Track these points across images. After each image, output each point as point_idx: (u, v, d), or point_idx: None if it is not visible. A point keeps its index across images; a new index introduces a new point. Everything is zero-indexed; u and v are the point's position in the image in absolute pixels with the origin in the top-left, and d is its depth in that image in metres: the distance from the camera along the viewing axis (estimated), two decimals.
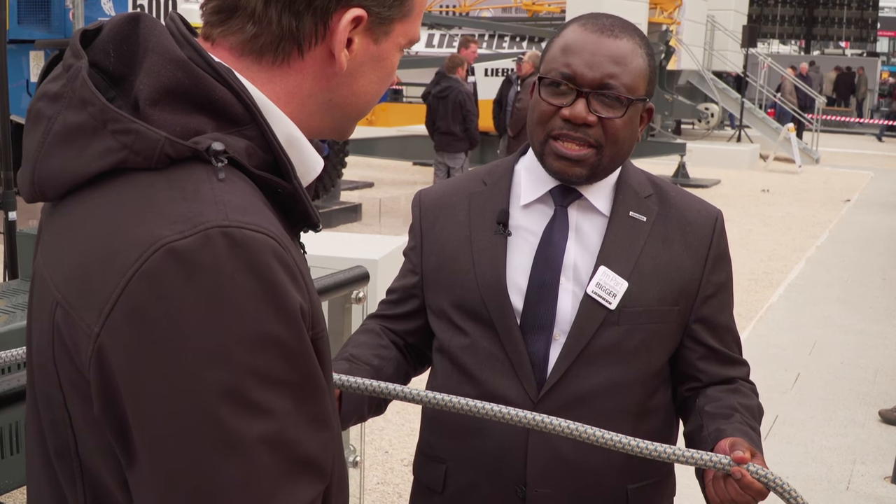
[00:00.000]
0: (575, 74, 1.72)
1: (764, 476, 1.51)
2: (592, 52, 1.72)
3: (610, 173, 1.82)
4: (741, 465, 1.51)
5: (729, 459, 1.53)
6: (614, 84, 1.71)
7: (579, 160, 1.74)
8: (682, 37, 20.58)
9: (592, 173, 1.77)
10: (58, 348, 0.97)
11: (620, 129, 1.74)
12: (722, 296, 1.87)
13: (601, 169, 1.77)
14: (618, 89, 1.71)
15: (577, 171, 1.75)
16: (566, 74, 1.72)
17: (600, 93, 1.72)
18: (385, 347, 1.92)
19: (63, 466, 1.01)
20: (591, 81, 1.71)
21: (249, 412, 0.89)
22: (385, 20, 1.07)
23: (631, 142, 1.79)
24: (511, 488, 1.80)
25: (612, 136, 1.74)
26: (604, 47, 1.72)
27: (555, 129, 1.74)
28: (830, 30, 40.68)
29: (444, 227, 1.88)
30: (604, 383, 1.78)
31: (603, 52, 1.72)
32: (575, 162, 1.74)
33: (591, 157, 1.74)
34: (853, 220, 13.01)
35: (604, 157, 1.75)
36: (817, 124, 21.52)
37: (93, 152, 0.96)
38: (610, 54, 1.72)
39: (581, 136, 1.73)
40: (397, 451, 4.90)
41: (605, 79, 1.71)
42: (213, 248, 0.89)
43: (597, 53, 1.72)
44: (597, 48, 1.72)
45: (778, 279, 9.29)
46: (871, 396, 6.04)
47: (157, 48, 0.99)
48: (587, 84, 1.71)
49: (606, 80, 1.71)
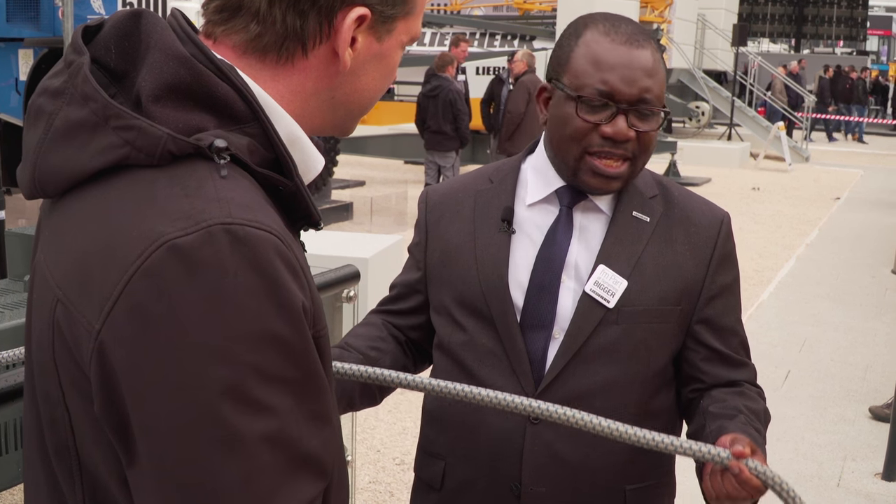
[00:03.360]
0: (613, 91, 1.70)
1: (763, 473, 1.47)
2: (627, 67, 1.71)
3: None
4: (740, 460, 1.49)
5: (728, 453, 1.49)
6: (649, 98, 1.72)
7: (618, 177, 1.75)
8: (673, 35, 20.61)
9: (624, 185, 1.80)
10: (58, 345, 0.96)
11: (653, 140, 1.76)
12: (727, 297, 1.86)
13: (630, 178, 1.79)
14: (652, 102, 1.72)
15: (614, 186, 1.77)
16: (604, 92, 1.71)
17: (637, 108, 1.72)
18: (383, 340, 1.92)
19: (61, 464, 1.01)
20: (629, 98, 1.71)
21: (251, 409, 0.89)
22: (388, 18, 1.07)
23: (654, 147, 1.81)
24: (506, 485, 1.80)
25: (645, 147, 1.75)
26: (636, 60, 1.71)
27: (593, 145, 1.73)
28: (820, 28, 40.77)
29: (449, 224, 1.89)
30: (601, 382, 1.77)
31: (636, 66, 1.71)
32: (614, 179, 1.75)
33: (628, 170, 1.76)
34: (843, 218, 13.04)
35: (636, 167, 1.77)
36: (807, 122, 21.57)
37: (94, 148, 0.95)
38: (642, 67, 1.71)
39: (621, 153, 1.73)
40: (389, 450, 4.90)
41: (641, 93, 1.71)
42: (215, 245, 0.89)
43: (630, 67, 1.71)
44: (629, 62, 1.71)
45: (768, 277, 9.31)
46: (861, 393, 6.06)
47: (160, 44, 0.99)
48: (626, 100, 1.71)
49: (643, 95, 1.71)
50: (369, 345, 1.88)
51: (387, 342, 1.92)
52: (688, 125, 23.88)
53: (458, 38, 11.86)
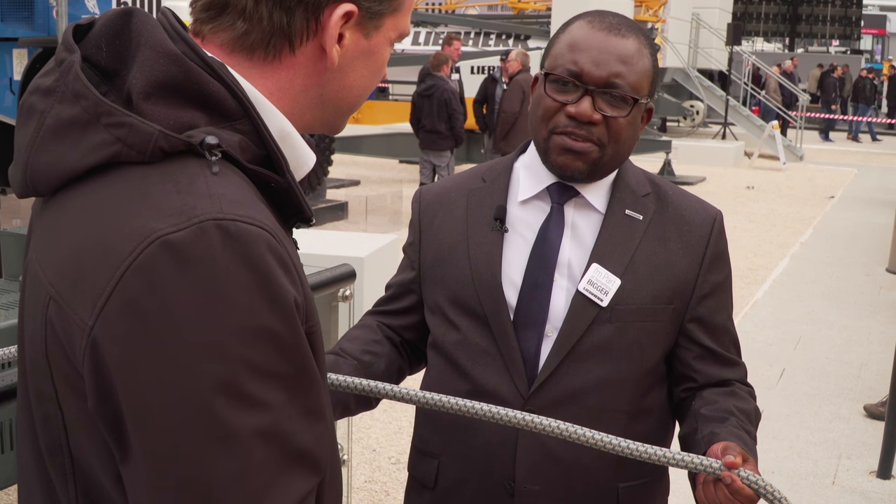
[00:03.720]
0: (582, 72, 1.72)
1: (755, 482, 1.49)
2: (600, 51, 1.72)
3: (609, 173, 1.83)
4: (732, 470, 1.50)
5: (720, 464, 1.51)
6: (620, 83, 1.72)
7: (582, 153, 1.74)
8: (668, 35, 20.63)
9: (593, 170, 1.77)
10: (51, 343, 0.96)
11: (623, 129, 1.75)
12: (719, 296, 1.86)
13: (601, 167, 1.78)
14: (623, 88, 1.72)
15: (579, 166, 1.76)
16: (573, 72, 1.72)
17: (606, 91, 1.72)
18: (378, 343, 1.91)
19: (54, 462, 1.01)
20: (597, 80, 1.72)
21: (244, 405, 0.90)
22: (375, 15, 1.07)
23: (632, 142, 1.80)
24: (500, 484, 1.80)
25: (615, 135, 1.75)
26: (611, 46, 1.72)
27: (559, 125, 1.74)
28: (814, 27, 40.82)
29: (443, 223, 1.89)
30: (595, 380, 1.77)
31: (610, 51, 1.72)
32: (578, 155, 1.74)
33: (594, 152, 1.75)
34: (837, 217, 13.07)
35: (605, 155, 1.76)
36: (801, 121, 21.61)
37: (86, 146, 0.96)
38: (617, 53, 1.72)
39: (585, 134, 1.73)
40: (385, 450, 4.90)
41: (611, 77, 1.71)
42: (207, 241, 0.89)
43: (604, 52, 1.72)
44: (604, 46, 1.72)
45: (763, 276, 9.33)
46: (855, 391, 6.07)
47: (150, 42, 0.99)
48: (593, 82, 1.72)
49: (613, 79, 1.71)
50: (364, 349, 1.88)
51: (382, 345, 1.92)
52: (682, 124, 23.92)
53: (451, 37, 11.86)
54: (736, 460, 1.51)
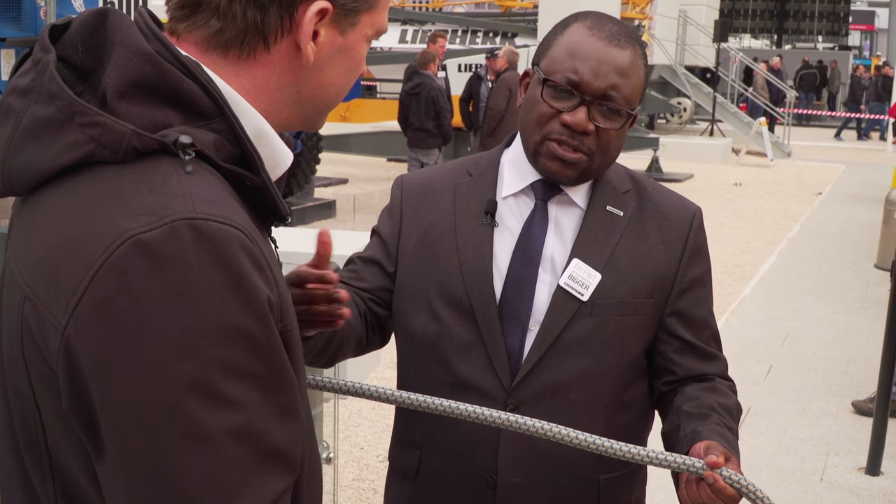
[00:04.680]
0: (581, 82, 1.72)
1: (737, 481, 1.51)
2: (599, 61, 1.73)
3: (594, 178, 1.85)
4: (714, 470, 1.51)
5: (702, 463, 1.52)
6: (616, 96, 1.73)
7: (573, 163, 1.76)
8: (655, 32, 20.66)
9: (581, 177, 1.80)
10: (27, 342, 0.97)
11: (613, 140, 1.77)
12: (698, 290, 1.88)
13: (589, 174, 1.80)
14: (618, 101, 1.74)
15: (569, 174, 1.78)
16: (571, 80, 1.73)
17: (602, 103, 1.73)
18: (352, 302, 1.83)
19: (33, 460, 1.01)
20: (595, 91, 1.73)
21: (217, 404, 0.90)
22: (351, 11, 1.08)
23: (619, 150, 1.82)
24: (482, 476, 1.81)
25: (605, 146, 1.77)
26: (610, 57, 1.73)
27: (553, 132, 1.75)
28: (802, 24, 40.93)
29: (428, 213, 1.88)
30: (576, 374, 1.79)
31: (609, 62, 1.73)
32: (569, 164, 1.76)
33: (584, 162, 1.76)
34: (825, 213, 13.12)
35: (594, 164, 1.78)
36: (788, 118, 21.66)
37: (60, 146, 0.96)
38: (616, 65, 1.73)
39: (577, 144, 1.74)
40: (372, 448, 4.89)
41: (608, 90, 1.72)
42: (179, 240, 0.89)
43: (603, 63, 1.73)
44: (604, 57, 1.73)
45: (750, 272, 9.35)
46: (843, 387, 6.09)
47: (125, 42, 0.99)
48: (591, 93, 1.73)
49: (610, 92, 1.73)
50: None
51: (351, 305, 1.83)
52: (670, 121, 23.97)
53: (436, 35, 11.85)
54: (718, 460, 1.52)
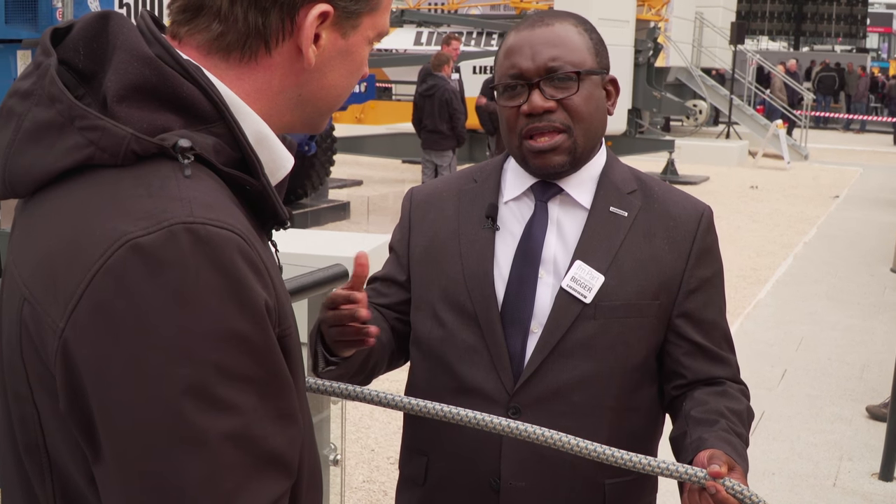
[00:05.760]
0: (521, 71, 1.77)
1: (740, 492, 1.50)
2: (530, 45, 1.78)
3: (591, 154, 1.84)
4: (717, 480, 1.50)
5: (705, 473, 1.51)
6: (558, 65, 1.76)
7: (554, 148, 1.77)
8: (671, 34, 20.60)
9: (572, 158, 1.79)
10: (25, 344, 0.97)
11: (582, 105, 1.78)
12: (708, 291, 1.85)
13: (579, 152, 1.80)
14: (563, 68, 1.76)
15: (557, 160, 1.78)
16: (513, 74, 1.78)
17: (548, 78, 1.76)
18: (381, 319, 1.89)
19: (32, 462, 1.02)
20: (536, 71, 1.76)
21: (214, 408, 0.90)
22: (352, 14, 1.08)
23: (600, 116, 1.82)
24: (486, 481, 1.81)
25: (577, 115, 1.77)
26: (539, 37, 1.78)
27: (522, 128, 1.78)
28: (819, 26, 40.76)
29: (433, 221, 1.90)
30: (579, 377, 1.78)
31: (539, 42, 1.77)
32: (551, 151, 1.77)
33: (564, 141, 1.77)
34: (841, 217, 13.05)
35: (577, 138, 1.78)
36: (806, 120, 21.57)
37: (61, 149, 0.96)
38: (545, 40, 1.77)
39: (547, 125, 1.76)
40: (383, 449, 4.89)
41: (547, 63, 1.76)
42: (176, 245, 0.90)
43: (534, 44, 1.77)
44: (533, 40, 1.78)
45: (766, 275, 9.31)
46: (858, 392, 6.06)
47: (126, 45, 1.00)
48: (534, 74, 1.76)
49: (549, 64, 1.76)
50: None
51: (383, 321, 1.89)
52: (685, 123, 23.88)
53: (450, 37, 11.85)
54: (721, 470, 1.51)
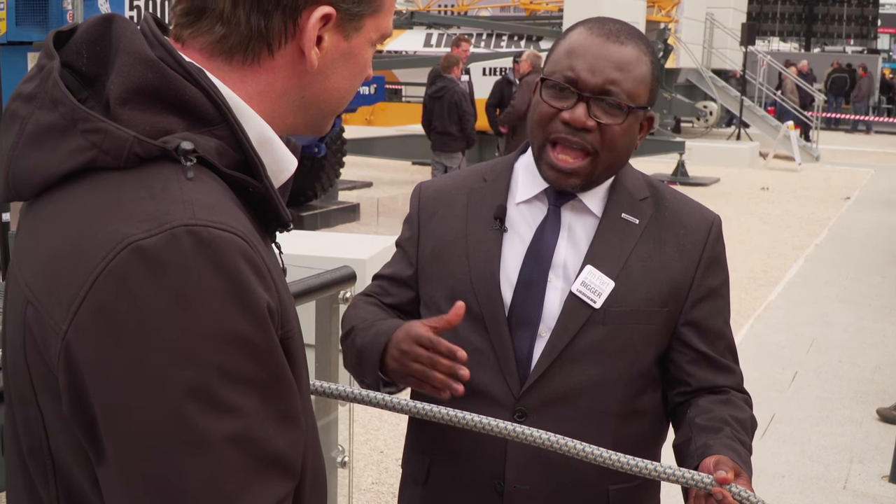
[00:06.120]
0: (578, 78, 1.72)
1: (746, 498, 1.49)
2: (596, 57, 1.72)
3: (605, 180, 1.83)
4: (723, 486, 1.50)
5: (711, 479, 1.51)
6: (615, 90, 1.71)
7: (573, 172, 1.74)
8: (681, 35, 20.57)
9: (587, 182, 1.78)
10: (29, 346, 0.97)
11: (618, 137, 1.74)
12: (714, 300, 1.85)
13: (595, 177, 1.78)
14: (619, 96, 1.71)
15: (572, 181, 1.76)
16: (569, 77, 1.72)
17: (601, 98, 1.72)
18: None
19: (36, 464, 1.02)
20: (592, 86, 1.71)
21: (216, 410, 0.90)
22: (355, 16, 1.08)
23: (628, 150, 1.79)
24: (490, 483, 1.80)
25: (610, 143, 1.74)
26: (607, 52, 1.72)
27: (554, 132, 1.74)
28: (830, 27, 40.64)
29: (442, 220, 1.89)
30: (586, 382, 1.77)
31: (606, 58, 1.72)
32: (569, 174, 1.75)
33: (586, 167, 1.74)
34: (853, 218, 13.00)
35: (599, 164, 1.75)
36: (817, 122, 21.50)
37: (64, 152, 0.97)
38: (613, 60, 1.72)
39: (579, 141, 1.73)
40: (392, 451, 4.89)
41: (606, 84, 1.71)
42: (178, 247, 0.90)
43: (600, 58, 1.72)
44: (601, 53, 1.72)
45: (777, 277, 9.28)
46: (869, 395, 6.03)
47: (128, 48, 1.00)
48: (589, 89, 1.71)
49: (608, 86, 1.71)
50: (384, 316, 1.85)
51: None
52: (696, 125, 23.83)
53: (459, 38, 11.85)
54: (727, 475, 1.51)
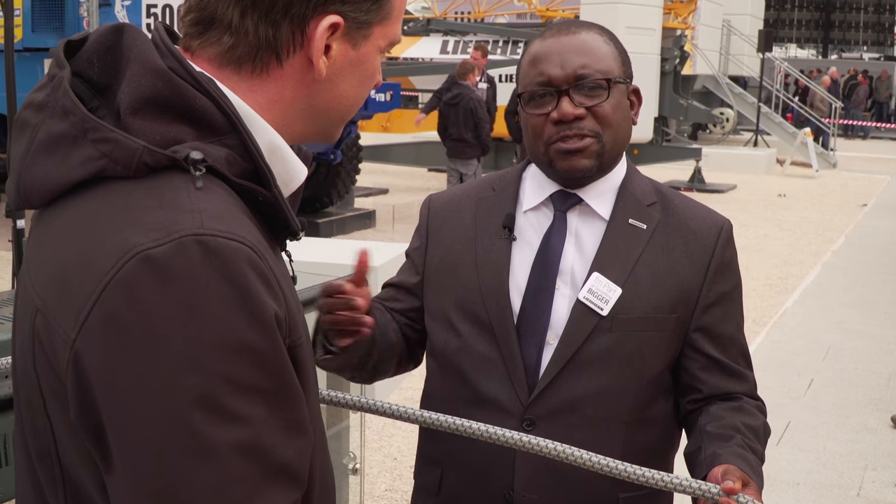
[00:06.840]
0: (549, 77, 1.77)
1: None
2: (558, 53, 1.78)
3: (615, 161, 1.84)
4: (731, 496, 1.49)
5: (718, 489, 1.50)
6: (587, 73, 1.76)
7: (583, 150, 1.77)
8: (697, 42, 20.50)
9: (599, 163, 1.80)
10: (38, 354, 0.98)
11: (611, 113, 1.78)
12: (726, 305, 1.84)
13: (606, 157, 1.80)
14: (593, 76, 1.76)
15: (585, 164, 1.78)
16: (541, 82, 1.77)
17: (578, 85, 1.76)
18: (391, 321, 1.90)
19: (44, 470, 1.02)
20: (565, 78, 1.76)
21: (223, 419, 0.90)
22: (363, 24, 1.08)
23: (627, 125, 1.83)
24: (499, 492, 1.80)
25: (606, 122, 1.78)
26: (566, 45, 1.78)
27: (551, 136, 1.77)
28: (847, 34, 40.47)
29: (451, 230, 1.90)
30: (594, 390, 1.76)
31: (567, 49, 1.78)
32: (579, 153, 1.77)
33: (593, 144, 1.78)
34: (870, 225, 12.93)
35: (605, 143, 1.78)
36: (834, 128, 21.38)
37: (74, 161, 0.97)
38: (574, 48, 1.78)
39: (576, 132, 1.76)
40: (406, 458, 4.89)
41: (577, 70, 1.76)
42: (187, 256, 0.90)
43: (562, 52, 1.78)
44: (560, 48, 1.78)
45: (793, 284, 9.24)
46: (884, 402, 6.00)
47: (139, 58, 1.01)
48: (562, 81, 1.76)
49: (579, 71, 1.76)
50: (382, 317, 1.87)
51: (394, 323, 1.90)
52: (712, 131, 23.75)
53: (476, 46, 11.92)
54: (735, 486, 1.49)
